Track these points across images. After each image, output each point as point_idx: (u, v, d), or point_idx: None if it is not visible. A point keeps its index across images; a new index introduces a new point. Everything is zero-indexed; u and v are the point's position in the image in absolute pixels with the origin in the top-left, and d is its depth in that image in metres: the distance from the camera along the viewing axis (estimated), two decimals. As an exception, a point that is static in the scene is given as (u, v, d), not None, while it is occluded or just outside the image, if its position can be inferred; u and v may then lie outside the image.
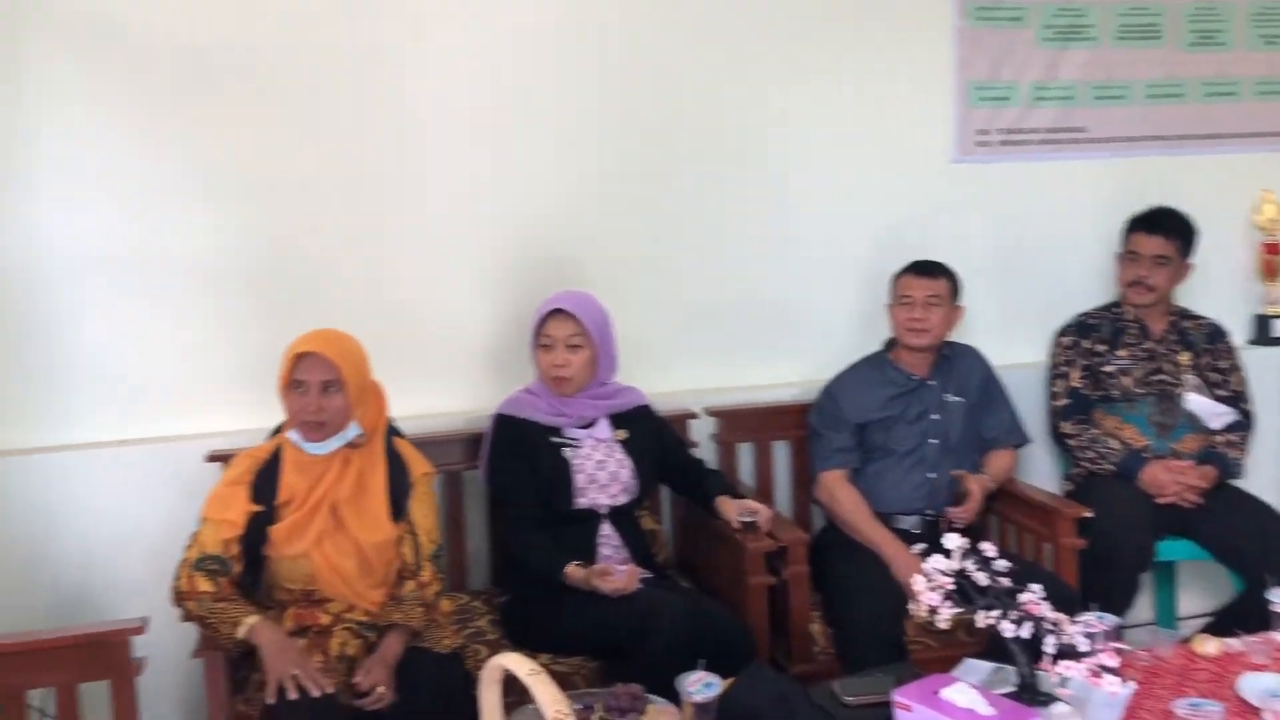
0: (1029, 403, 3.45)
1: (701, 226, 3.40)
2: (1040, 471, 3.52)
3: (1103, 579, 2.96)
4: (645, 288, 3.36)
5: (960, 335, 3.30)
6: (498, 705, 1.84)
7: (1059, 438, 3.38)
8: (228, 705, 2.41)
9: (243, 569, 2.45)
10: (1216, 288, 3.71)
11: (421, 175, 3.18)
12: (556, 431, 2.86)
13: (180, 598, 2.41)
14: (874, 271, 3.35)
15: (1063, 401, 3.36)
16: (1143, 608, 3.51)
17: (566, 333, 2.81)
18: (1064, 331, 3.45)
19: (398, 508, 2.55)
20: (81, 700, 2.30)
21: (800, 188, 3.46)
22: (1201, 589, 3.64)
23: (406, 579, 2.54)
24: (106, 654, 2.26)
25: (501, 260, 3.26)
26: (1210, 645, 2.36)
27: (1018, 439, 3.23)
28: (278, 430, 2.61)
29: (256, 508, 2.44)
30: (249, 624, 2.34)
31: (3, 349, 2.96)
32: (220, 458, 2.86)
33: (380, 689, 2.32)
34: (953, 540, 2.07)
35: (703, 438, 3.34)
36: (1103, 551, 2.96)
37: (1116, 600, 2.96)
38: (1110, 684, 1.90)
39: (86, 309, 2.99)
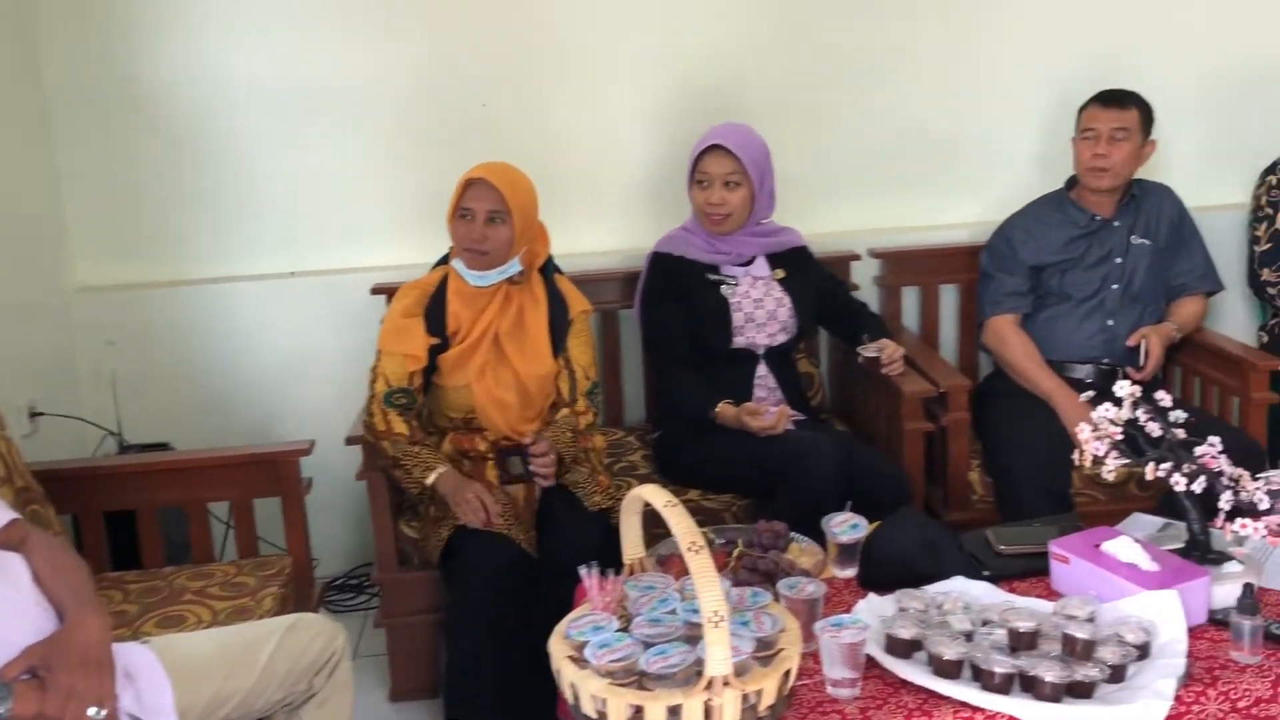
0: (1226, 248, 3.20)
1: (872, 55, 3.21)
2: (1235, 322, 3.29)
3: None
4: (810, 121, 3.22)
5: (1157, 173, 3.05)
6: (639, 535, 1.84)
7: (1257, 286, 3.11)
8: (391, 525, 2.53)
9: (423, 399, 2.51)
10: None
11: (585, 6, 3.10)
12: (714, 269, 2.80)
13: (377, 436, 2.43)
14: (1063, 103, 3.08)
15: (1264, 246, 3.09)
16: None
17: (724, 170, 2.72)
18: (1271, 169, 3.15)
19: (557, 343, 2.55)
20: (261, 516, 2.46)
21: (984, 10, 3.21)
22: None
23: (562, 409, 2.56)
24: (276, 473, 2.40)
25: (664, 92, 3.17)
26: None
27: (1209, 286, 2.97)
28: (442, 261, 2.63)
29: (435, 340, 2.46)
30: (438, 472, 2.38)
31: (189, 183, 3.08)
32: (384, 290, 2.94)
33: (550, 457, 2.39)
34: (1124, 388, 1.93)
35: (865, 280, 3.23)
36: (1298, 407, 2.76)
37: (1311, 459, 2.76)
38: (1291, 544, 1.77)
39: (258, 144, 3.08)
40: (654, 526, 1.94)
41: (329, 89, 3.06)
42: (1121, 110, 2.83)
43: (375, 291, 2.98)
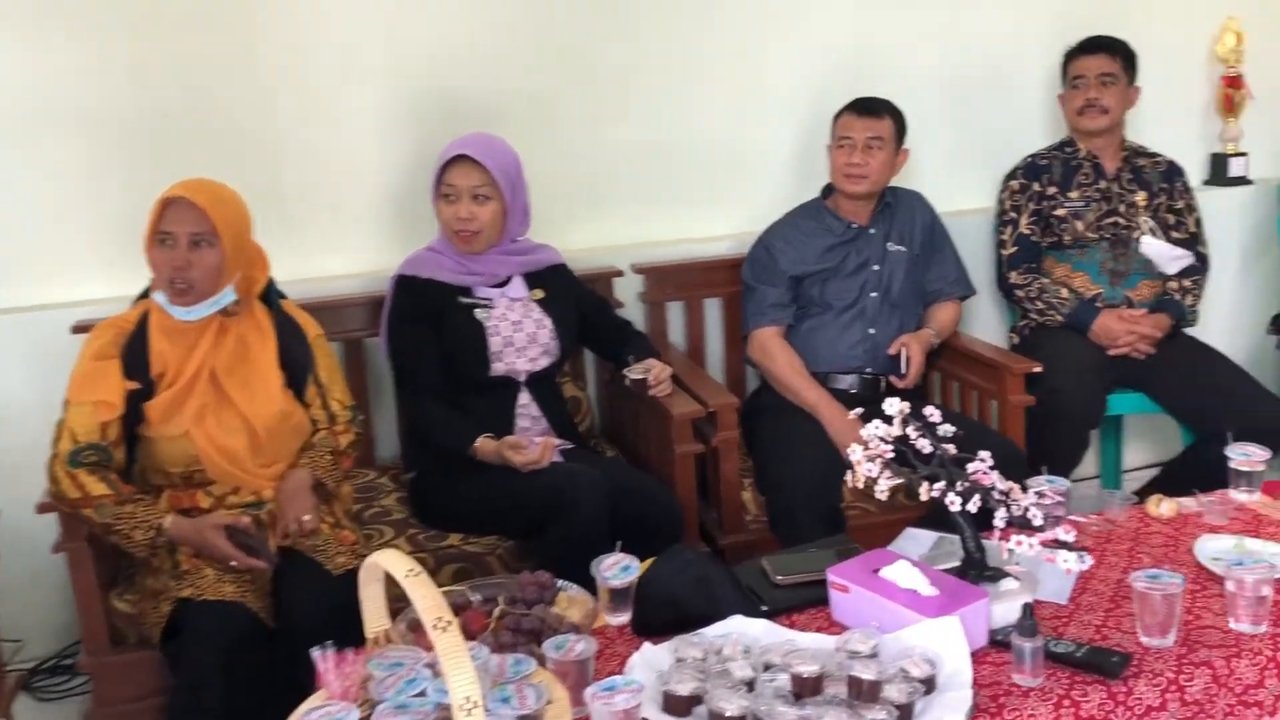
0: (978, 252, 3.25)
1: (626, 64, 3.09)
2: (987, 325, 3.35)
3: (1050, 436, 2.83)
4: (564, 132, 3.07)
5: (907, 180, 3.06)
6: (382, 604, 1.62)
7: (1007, 288, 3.18)
8: (99, 600, 2.19)
9: (125, 454, 2.19)
10: (1172, 124, 3.52)
11: (312, 3, 2.84)
12: (466, 292, 2.60)
13: (74, 505, 2.09)
14: (816, 111, 3.06)
15: (1010, 250, 3.15)
16: (1086, 462, 3.39)
17: (472, 182, 2.53)
18: (1012, 174, 3.22)
19: (296, 376, 2.30)
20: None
21: (733, 17, 3.15)
22: (1148, 441, 3.54)
23: (320, 431, 2.33)
24: (-51, 552, 2.02)
25: (406, 99, 2.95)
26: (1165, 506, 2.20)
27: (963, 290, 3.02)
28: (144, 294, 2.32)
29: (133, 385, 2.16)
30: (167, 524, 2.10)
31: None
32: (87, 329, 2.55)
33: (305, 518, 2.14)
34: (893, 405, 1.85)
35: (629, 297, 3.10)
36: (1051, 408, 2.81)
37: (1063, 457, 2.83)
38: (1067, 560, 1.73)
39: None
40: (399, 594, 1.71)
41: (19, 98, 2.68)
42: (876, 119, 2.83)
43: (77, 330, 2.60)
